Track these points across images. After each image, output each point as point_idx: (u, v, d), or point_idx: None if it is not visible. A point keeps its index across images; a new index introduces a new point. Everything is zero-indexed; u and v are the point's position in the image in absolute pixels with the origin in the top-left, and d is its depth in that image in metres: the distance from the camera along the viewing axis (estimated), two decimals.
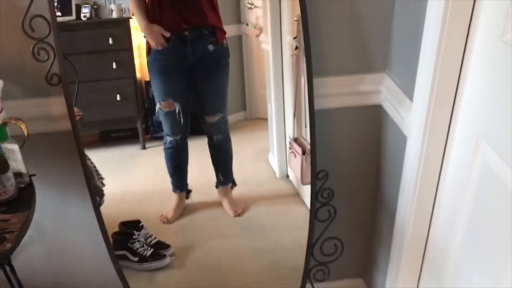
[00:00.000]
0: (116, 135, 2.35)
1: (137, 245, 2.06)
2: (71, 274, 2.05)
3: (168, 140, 2.12)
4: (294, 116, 2.38)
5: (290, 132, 2.46)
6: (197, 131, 2.50)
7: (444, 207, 1.49)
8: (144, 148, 2.37)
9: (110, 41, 2.04)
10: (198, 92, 2.05)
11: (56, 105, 1.61)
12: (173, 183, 2.29)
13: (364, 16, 1.64)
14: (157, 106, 2.05)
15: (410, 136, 1.52)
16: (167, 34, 1.86)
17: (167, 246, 2.15)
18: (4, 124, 1.39)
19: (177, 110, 2.01)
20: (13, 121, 1.41)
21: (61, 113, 1.61)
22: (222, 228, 2.33)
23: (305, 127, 2.27)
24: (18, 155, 1.37)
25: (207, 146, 2.64)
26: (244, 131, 2.72)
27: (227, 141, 2.26)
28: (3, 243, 1.23)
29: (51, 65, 1.48)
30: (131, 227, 2.07)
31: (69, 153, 1.67)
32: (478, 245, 1.33)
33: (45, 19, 1.44)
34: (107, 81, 2.13)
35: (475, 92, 1.30)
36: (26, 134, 1.45)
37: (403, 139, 1.57)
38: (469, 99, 1.33)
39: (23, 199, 1.38)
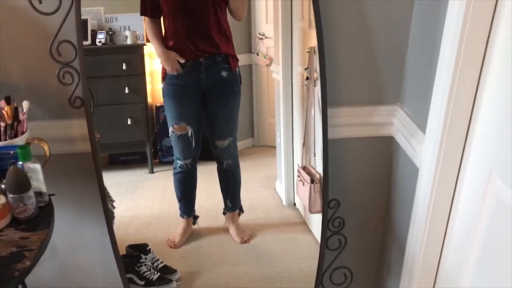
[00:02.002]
0: (125, 159, 2.36)
1: (144, 268, 2.06)
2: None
3: (179, 165, 2.14)
4: (304, 145, 2.40)
5: (298, 161, 2.48)
6: (206, 157, 2.53)
7: (455, 239, 1.51)
8: (152, 172, 2.39)
9: (124, 67, 2.08)
10: (210, 116, 2.09)
11: (77, 127, 1.65)
12: (180, 208, 2.30)
13: (379, 49, 1.69)
14: (170, 129, 2.07)
15: (422, 168, 1.55)
16: (182, 61, 1.91)
17: (173, 271, 2.15)
18: (28, 143, 1.42)
19: (189, 134, 2.05)
20: (36, 142, 1.44)
21: (81, 135, 1.64)
22: (229, 254, 2.33)
23: (314, 156, 2.30)
24: (40, 175, 1.39)
25: (215, 172, 2.66)
26: (251, 158, 2.74)
27: (236, 167, 2.28)
28: (22, 261, 1.24)
29: (75, 89, 1.52)
30: (138, 250, 2.08)
31: (86, 174, 1.70)
32: (491, 278, 1.33)
33: (72, 44, 1.48)
34: (119, 105, 2.17)
35: (488, 125, 1.33)
36: (48, 154, 1.48)
37: (415, 170, 1.59)
38: (482, 132, 1.35)
39: (42, 217, 1.40)
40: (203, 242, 2.39)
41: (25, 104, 1.46)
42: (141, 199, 2.32)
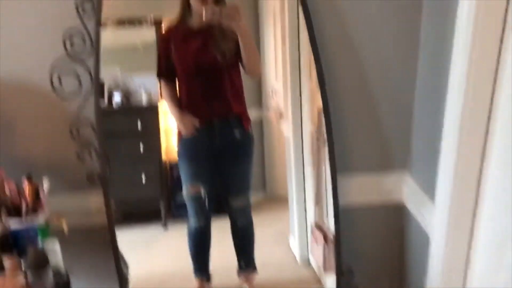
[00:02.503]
0: (138, 215, 2.38)
1: None
2: None
3: (192, 225, 2.16)
4: (316, 203, 2.41)
5: (311, 216, 2.48)
6: (219, 212, 2.54)
7: None
8: (166, 228, 2.40)
9: (139, 126, 2.12)
10: (224, 176, 2.12)
11: (94, 200, 1.69)
12: (194, 267, 2.30)
13: (384, 113, 1.74)
14: (184, 189, 2.10)
15: (433, 237, 1.55)
16: (198, 125, 1.95)
17: None
18: (47, 222, 1.46)
19: (202, 194, 2.07)
20: (55, 220, 1.48)
21: (98, 208, 1.68)
22: None
23: (327, 215, 2.30)
24: (58, 253, 1.42)
25: (228, 228, 2.67)
26: (264, 212, 2.73)
27: (250, 226, 2.30)
28: None
29: (93, 166, 1.57)
30: None
31: (102, 244, 1.73)
32: None
33: (92, 127, 1.54)
34: (134, 163, 2.20)
35: (496, 195, 1.34)
36: (66, 231, 1.52)
37: (426, 238, 1.60)
38: (491, 202, 1.36)
39: None
40: None
41: (45, 183, 1.51)
42: (155, 257, 2.33)
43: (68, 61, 1.53)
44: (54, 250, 1.42)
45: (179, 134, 2.04)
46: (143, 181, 2.23)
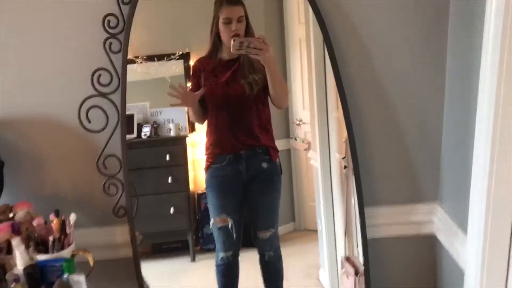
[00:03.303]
0: (167, 247, 2.38)
1: None
2: None
3: (220, 257, 2.14)
4: (345, 235, 2.37)
5: (341, 248, 2.43)
6: (247, 245, 2.52)
7: None
8: (194, 260, 2.39)
9: (167, 157, 2.14)
10: (251, 208, 2.11)
11: (120, 233, 1.70)
12: None
13: (413, 145, 1.71)
14: (212, 221, 2.10)
15: (467, 270, 1.50)
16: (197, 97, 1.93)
17: None
18: (73, 256, 1.47)
19: (230, 226, 2.06)
20: (81, 253, 1.49)
21: (123, 241, 1.68)
22: None
23: (357, 247, 2.25)
24: (84, 286, 1.42)
25: (257, 261, 2.64)
26: (293, 244, 2.69)
27: (279, 259, 2.25)
28: None
29: (119, 199, 1.59)
30: None
31: (128, 278, 1.73)
32: None
33: (118, 159, 1.56)
34: (162, 195, 2.21)
35: None
36: (92, 264, 1.52)
37: (459, 272, 1.54)
38: None
39: None
40: None
41: (72, 218, 1.53)
42: None
43: (96, 97, 1.56)
44: (80, 285, 1.42)
45: (207, 163, 2.04)
46: (171, 212, 2.23)
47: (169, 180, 2.19)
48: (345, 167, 2.25)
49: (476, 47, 1.37)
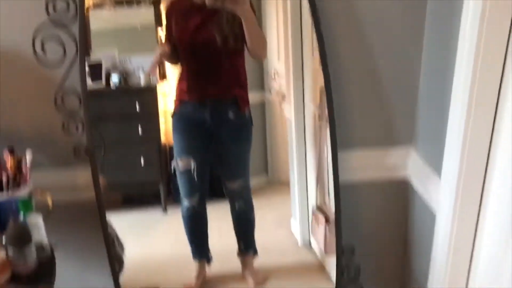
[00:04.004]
0: (138, 198, 2.34)
1: None
2: None
3: (185, 207, 2.10)
4: (317, 184, 2.36)
5: (312, 199, 2.43)
6: (219, 195, 2.49)
7: (479, 285, 1.43)
8: (165, 212, 2.36)
9: (137, 108, 2.07)
10: (218, 157, 2.08)
11: (82, 175, 1.63)
12: (192, 250, 2.25)
13: (389, 87, 1.66)
14: (173, 163, 2.06)
15: (439, 213, 1.49)
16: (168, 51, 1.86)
17: None
18: (30, 196, 1.40)
19: (192, 169, 2.02)
20: (39, 194, 1.42)
21: (86, 183, 1.62)
22: None
23: (328, 196, 2.24)
24: (42, 228, 1.36)
25: (228, 209, 2.62)
26: (266, 196, 2.69)
27: (250, 209, 2.24)
28: None
29: (81, 138, 1.51)
30: None
31: (91, 222, 1.67)
32: None
33: (77, 94, 1.48)
34: (132, 146, 2.15)
35: (506, 169, 1.28)
36: (50, 206, 1.46)
37: (431, 215, 1.53)
38: (500, 176, 1.30)
39: (43, 271, 1.36)
40: (219, 285, 2.33)
41: (28, 155, 1.44)
42: (155, 240, 2.30)
43: (52, 26, 1.45)
44: (37, 225, 1.36)
45: (174, 110, 2.00)
46: (142, 164, 2.17)
47: (139, 130, 2.12)
48: (319, 116, 2.21)
49: None
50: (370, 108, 1.67)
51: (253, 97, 2.51)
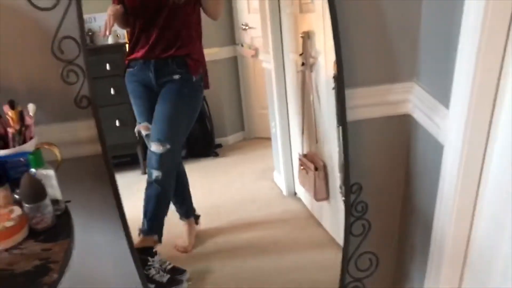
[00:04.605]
0: (116, 161, 2.26)
1: (152, 271, 1.98)
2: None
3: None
4: (303, 132, 2.37)
5: (296, 149, 2.45)
6: (196, 153, 2.47)
7: (486, 214, 1.50)
8: (145, 173, 2.31)
9: (107, 67, 1.99)
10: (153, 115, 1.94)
11: (83, 128, 1.56)
12: (177, 210, 2.22)
13: (390, 25, 1.65)
14: (136, 127, 2.01)
15: (448, 143, 1.52)
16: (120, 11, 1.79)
17: (183, 271, 2.08)
18: (37, 149, 1.32)
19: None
20: (46, 146, 1.34)
21: (88, 137, 1.55)
22: (236, 250, 2.28)
23: (316, 142, 2.27)
24: (54, 181, 1.29)
25: (209, 167, 2.61)
26: (244, 151, 2.71)
27: (168, 186, 2.02)
28: (49, 274, 1.15)
29: (81, 87, 1.43)
30: (144, 254, 1.98)
31: (96, 177, 1.64)
32: None
33: (75, 40, 1.39)
34: (105, 107, 2.05)
35: None
36: (59, 158, 1.38)
37: (438, 146, 1.57)
38: (509, 103, 1.33)
39: (61, 226, 1.30)
40: (208, 241, 2.33)
41: (31, 108, 1.35)
42: (137, 202, 2.24)
43: None
44: (50, 179, 1.29)
45: (124, 68, 1.94)
46: (117, 125, 2.10)
47: (112, 91, 2.04)
48: (302, 63, 2.21)
49: None
50: (371, 47, 1.66)
51: (224, 51, 2.48)
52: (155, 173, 1.93)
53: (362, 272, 1.83)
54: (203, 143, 2.57)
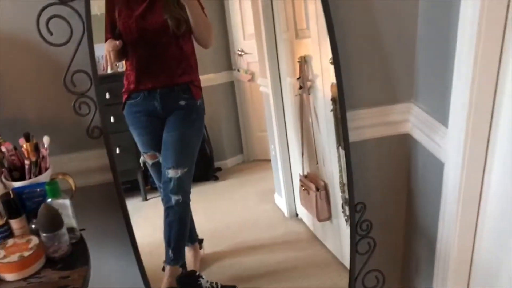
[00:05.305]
0: None
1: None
2: None
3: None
4: (303, 154, 2.41)
5: (296, 171, 2.48)
6: (196, 178, 2.48)
7: (488, 227, 1.55)
8: (145, 199, 2.33)
9: (107, 96, 2.02)
10: (163, 142, 1.97)
11: (94, 158, 1.59)
12: None
13: (387, 48, 1.71)
14: (141, 158, 2.03)
15: (448, 161, 1.58)
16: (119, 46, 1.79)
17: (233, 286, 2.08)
18: (52, 179, 1.35)
19: (161, 161, 1.97)
20: (60, 176, 1.38)
21: (99, 165, 1.58)
22: (242, 273, 2.29)
23: (317, 163, 2.30)
24: (70, 210, 1.33)
25: (210, 191, 2.63)
26: (244, 174, 2.73)
27: (186, 206, 2.04)
28: None
29: (93, 118, 1.47)
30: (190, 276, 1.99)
31: (107, 205, 1.66)
32: None
33: (87, 73, 1.43)
34: None
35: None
36: (73, 188, 1.41)
37: (439, 165, 1.62)
38: (506, 120, 1.39)
39: (77, 254, 1.33)
40: (213, 265, 2.34)
41: (46, 140, 1.39)
42: (140, 228, 2.25)
43: (56, 5, 1.39)
44: (65, 208, 1.32)
45: (123, 102, 1.94)
46: (118, 152, 2.12)
47: (112, 119, 2.07)
48: (300, 87, 2.27)
49: None
50: (369, 70, 1.72)
51: (221, 77, 2.53)
52: (175, 198, 1.95)
53: None
54: (202, 167, 2.59)
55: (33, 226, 1.31)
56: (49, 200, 1.30)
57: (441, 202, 1.64)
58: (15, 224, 1.29)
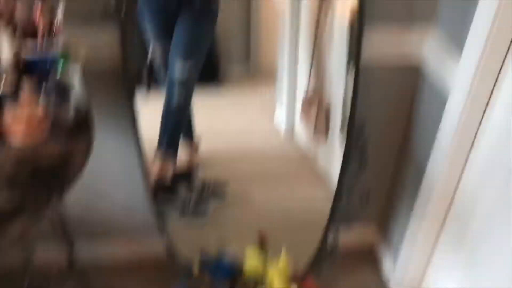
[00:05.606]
0: None
1: None
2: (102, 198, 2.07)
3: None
4: (311, 67, 2.39)
5: (301, 86, 2.47)
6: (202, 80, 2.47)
7: (478, 162, 1.59)
8: (149, 90, 2.33)
9: None
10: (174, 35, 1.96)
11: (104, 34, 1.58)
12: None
13: None
14: (150, 49, 2.03)
15: (453, 92, 1.59)
16: None
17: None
18: (67, 46, 1.35)
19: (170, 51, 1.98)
20: (73, 44, 1.37)
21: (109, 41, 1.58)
22: (233, 176, 2.35)
23: (323, 81, 2.30)
24: (78, 79, 1.34)
25: (212, 95, 2.63)
26: (249, 85, 2.71)
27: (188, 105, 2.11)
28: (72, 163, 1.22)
29: None
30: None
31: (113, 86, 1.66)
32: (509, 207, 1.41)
33: None
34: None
35: None
36: (83, 58, 1.41)
37: (443, 99, 1.64)
38: None
39: (82, 125, 1.36)
40: (206, 164, 2.38)
41: (61, 2, 1.36)
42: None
43: None
44: (74, 79, 1.33)
45: None
46: None
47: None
48: None
49: None
50: None
51: None
52: (180, 75, 1.96)
53: (353, 205, 1.93)
54: (207, 66, 2.58)
55: (41, 93, 1.32)
56: (60, 66, 1.31)
57: (438, 133, 1.67)
58: (25, 83, 1.30)
